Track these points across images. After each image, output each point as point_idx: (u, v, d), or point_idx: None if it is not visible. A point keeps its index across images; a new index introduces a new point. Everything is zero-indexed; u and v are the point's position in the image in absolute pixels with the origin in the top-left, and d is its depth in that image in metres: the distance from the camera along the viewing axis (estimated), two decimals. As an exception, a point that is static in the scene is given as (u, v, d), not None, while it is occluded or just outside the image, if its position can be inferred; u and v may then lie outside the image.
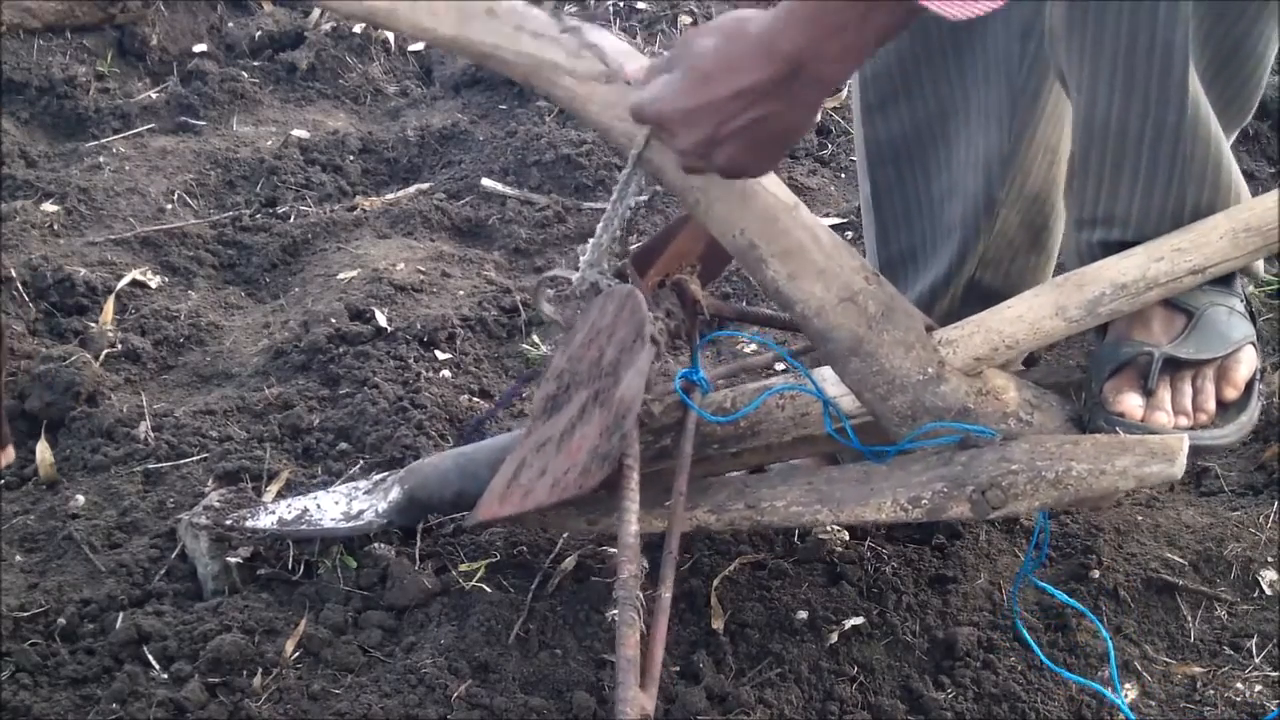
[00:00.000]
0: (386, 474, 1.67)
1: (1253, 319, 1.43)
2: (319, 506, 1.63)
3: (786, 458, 1.59)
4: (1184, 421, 1.37)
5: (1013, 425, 1.36)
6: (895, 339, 1.35)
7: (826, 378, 1.44)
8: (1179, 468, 1.24)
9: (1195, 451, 1.32)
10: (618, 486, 1.29)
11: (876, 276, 1.38)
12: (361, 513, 1.60)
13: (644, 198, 1.38)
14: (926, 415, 1.35)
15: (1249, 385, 1.40)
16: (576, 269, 1.43)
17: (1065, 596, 1.45)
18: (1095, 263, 1.37)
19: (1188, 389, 1.38)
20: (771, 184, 1.34)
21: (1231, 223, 1.33)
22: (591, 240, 1.41)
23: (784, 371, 1.78)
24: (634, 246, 1.48)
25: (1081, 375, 1.47)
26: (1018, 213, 1.61)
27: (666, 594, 1.22)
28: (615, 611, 1.17)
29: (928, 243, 1.66)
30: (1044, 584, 1.45)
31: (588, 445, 1.30)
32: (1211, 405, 1.38)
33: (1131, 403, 1.36)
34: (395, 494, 1.60)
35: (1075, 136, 1.39)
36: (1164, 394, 1.37)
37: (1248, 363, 1.40)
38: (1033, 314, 1.35)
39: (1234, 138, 1.42)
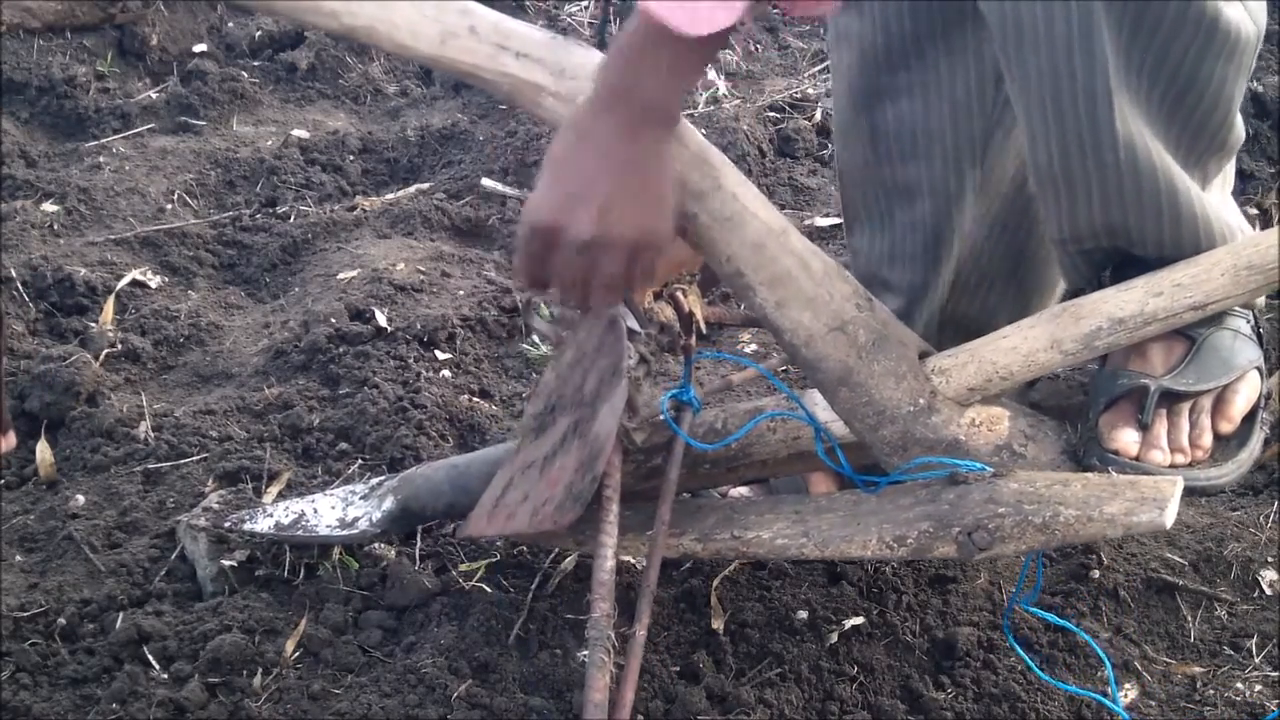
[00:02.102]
0: (383, 478, 1.67)
1: (1260, 340, 1.40)
2: (315, 511, 1.63)
3: (784, 473, 1.58)
4: (1180, 459, 1.34)
5: (1005, 458, 1.34)
6: (886, 369, 1.33)
7: (818, 401, 1.42)
8: (1168, 517, 1.20)
9: (1191, 492, 1.30)
10: (595, 520, 1.29)
11: (870, 302, 1.35)
12: (356, 520, 1.60)
13: None
14: (917, 446, 1.33)
15: (1251, 415, 1.37)
16: None
17: (1059, 620, 1.43)
18: (1092, 294, 1.34)
19: (1184, 424, 1.35)
20: (761, 209, 1.32)
21: (1234, 259, 1.30)
22: None
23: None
24: None
25: (1083, 397, 1.45)
26: (991, 241, 1.58)
27: (641, 632, 1.21)
28: (585, 652, 1.16)
29: (895, 266, 1.63)
30: (1038, 610, 1.44)
31: (565, 479, 1.29)
32: (1208, 440, 1.35)
33: (1126, 439, 1.34)
34: (389, 504, 1.60)
35: (1029, 173, 1.37)
36: (1160, 429, 1.34)
37: (1247, 393, 1.37)
38: (1027, 345, 1.33)
39: (1222, 167, 1.38)
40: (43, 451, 1.85)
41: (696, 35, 1.11)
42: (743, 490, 1.67)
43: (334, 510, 1.63)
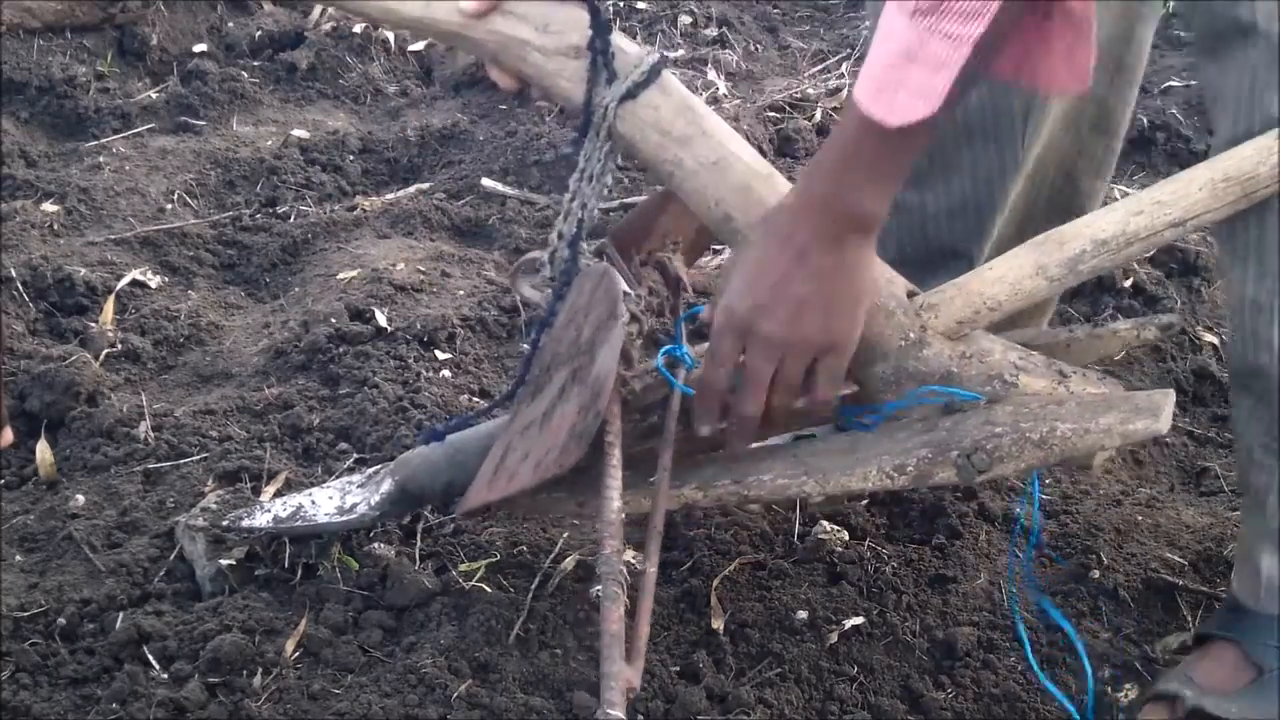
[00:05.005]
0: (379, 467, 1.67)
1: None
2: (313, 502, 1.63)
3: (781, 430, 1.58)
4: None
5: (998, 388, 1.34)
6: (876, 305, 1.32)
7: None
8: (1164, 423, 1.21)
9: None
10: (600, 463, 1.29)
11: None
12: (355, 506, 1.60)
13: (610, 180, 1.37)
14: (910, 381, 1.34)
15: None
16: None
17: (1055, 611, 1.44)
18: (1075, 220, 1.35)
19: None
20: (745, 153, 1.33)
21: (1211, 173, 1.30)
22: (561, 219, 1.39)
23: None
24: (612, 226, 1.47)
25: (1069, 335, 1.44)
26: (1023, 215, 1.60)
27: (652, 569, 1.21)
28: (600, 589, 1.16)
29: (919, 255, 1.65)
30: (1047, 603, 1.45)
31: (567, 424, 1.29)
32: None
33: None
34: (387, 486, 1.59)
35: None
36: None
37: None
38: (1013, 274, 1.33)
39: None
40: (43, 451, 1.85)
41: (892, 125, 1.13)
42: None
43: (332, 500, 1.63)
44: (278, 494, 1.75)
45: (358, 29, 3.23)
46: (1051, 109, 1.55)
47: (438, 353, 2.09)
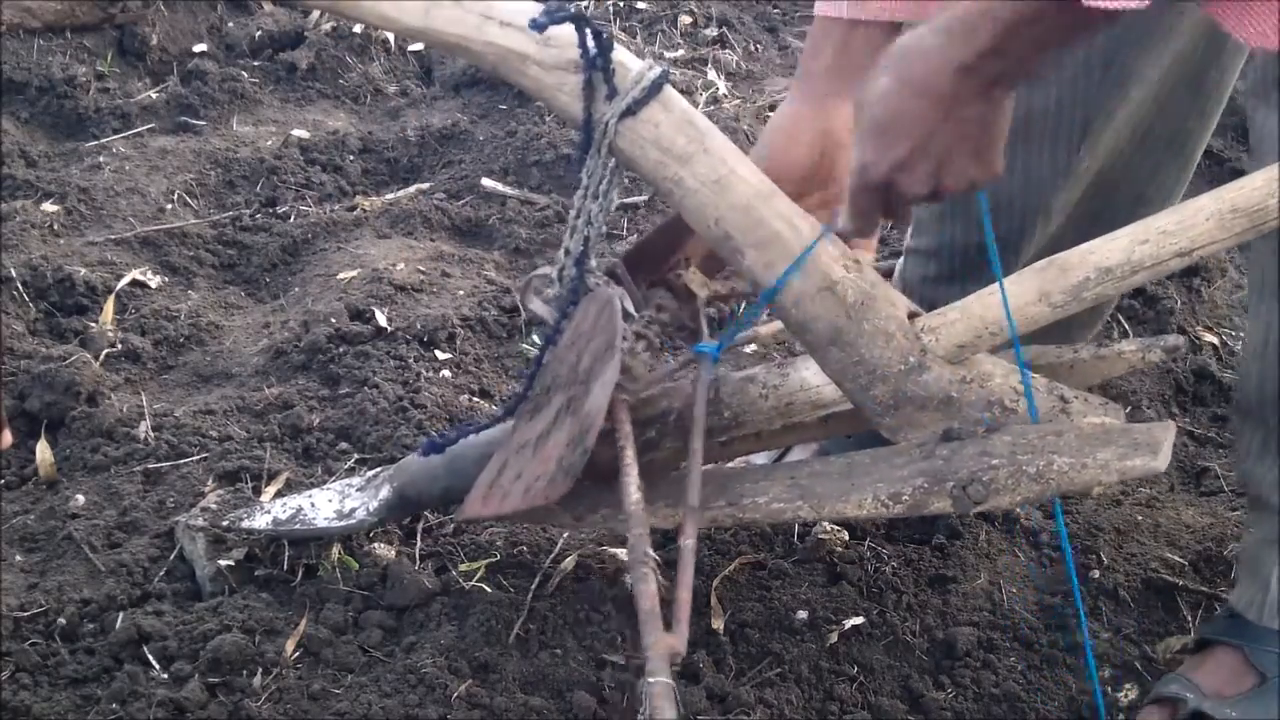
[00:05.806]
0: (379, 470, 1.67)
1: None
2: (313, 505, 1.63)
3: (776, 445, 1.58)
4: None
5: (998, 413, 1.33)
6: (875, 328, 1.32)
7: (810, 365, 1.42)
8: (1163, 460, 1.21)
9: None
10: (616, 461, 1.29)
11: (858, 264, 1.34)
12: (354, 510, 1.60)
13: (614, 195, 1.37)
14: (909, 405, 1.33)
15: None
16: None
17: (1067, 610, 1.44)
18: (1079, 246, 1.33)
19: None
20: (747, 171, 1.32)
21: (1218, 204, 1.29)
22: (567, 236, 1.38)
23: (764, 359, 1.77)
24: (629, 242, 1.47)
25: (1073, 356, 1.45)
26: (1069, 227, 1.59)
27: (689, 541, 1.19)
28: (630, 574, 1.14)
29: (957, 248, 1.65)
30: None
31: (556, 455, 1.29)
32: None
33: None
34: (385, 492, 1.60)
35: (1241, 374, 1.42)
36: None
37: None
38: (1015, 300, 1.32)
39: None
40: (43, 451, 1.85)
41: (1102, 8, 1.01)
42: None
43: (331, 503, 1.63)
44: (278, 494, 1.75)
45: (358, 29, 3.23)
46: (1117, 121, 1.53)
47: (438, 353, 2.09)
